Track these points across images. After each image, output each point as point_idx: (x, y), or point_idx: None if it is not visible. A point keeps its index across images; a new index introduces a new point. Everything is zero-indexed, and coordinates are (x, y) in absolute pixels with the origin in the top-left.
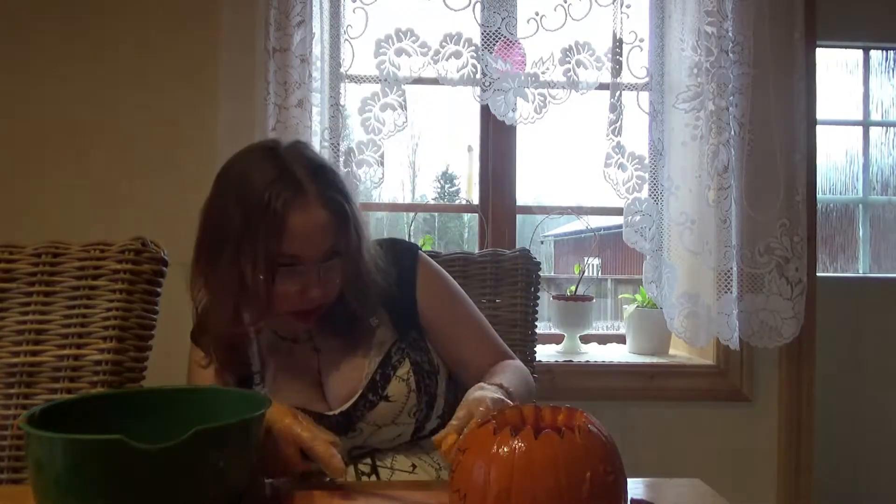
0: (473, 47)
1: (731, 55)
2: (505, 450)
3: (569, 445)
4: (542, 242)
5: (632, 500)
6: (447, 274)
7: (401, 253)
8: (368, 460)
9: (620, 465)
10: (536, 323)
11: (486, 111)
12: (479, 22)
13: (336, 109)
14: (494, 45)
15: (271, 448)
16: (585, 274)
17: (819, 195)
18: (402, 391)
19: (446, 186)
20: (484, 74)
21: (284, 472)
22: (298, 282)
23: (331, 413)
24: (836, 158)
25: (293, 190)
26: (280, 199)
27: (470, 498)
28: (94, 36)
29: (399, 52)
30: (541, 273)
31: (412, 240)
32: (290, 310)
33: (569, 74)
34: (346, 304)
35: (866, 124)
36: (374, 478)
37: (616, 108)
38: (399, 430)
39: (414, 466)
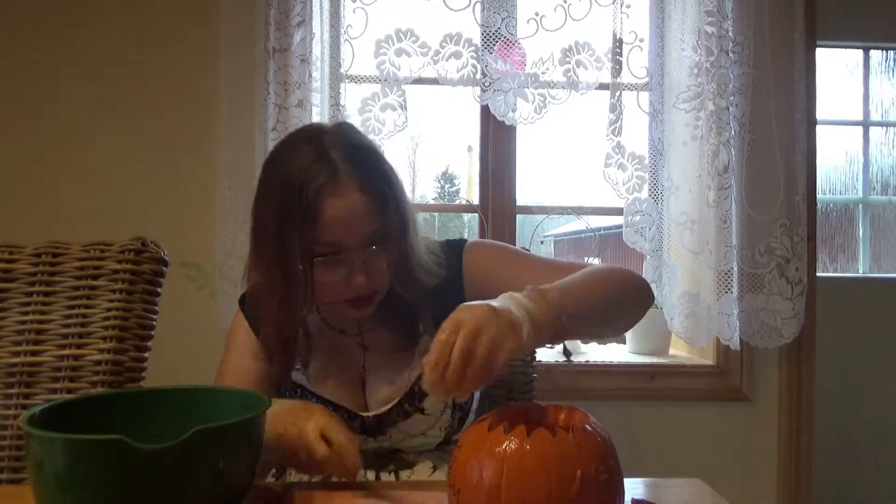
0: (473, 47)
1: (731, 55)
2: (497, 447)
3: (560, 444)
4: (542, 242)
5: (632, 500)
6: (498, 246)
7: (448, 254)
8: (392, 466)
9: (616, 466)
10: None
11: (486, 111)
12: (479, 22)
13: (336, 109)
14: (494, 45)
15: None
16: None
17: (819, 195)
18: (439, 406)
19: (446, 186)
20: (484, 75)
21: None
22: (342, 270)
23: (366, 414)
24: (836, 158)
25: (326, 174)
26: (313, 185)
27: (463, 494)
28: (94, 36)
29: (399, 53)
30: None
31: None
32: (340, 299)
33: (569, 74)
34: (400, 299)
35: (866, 124)
36: (393, 476)
37: (616, 108)
38: (428, 440)
39: (434, 469)
